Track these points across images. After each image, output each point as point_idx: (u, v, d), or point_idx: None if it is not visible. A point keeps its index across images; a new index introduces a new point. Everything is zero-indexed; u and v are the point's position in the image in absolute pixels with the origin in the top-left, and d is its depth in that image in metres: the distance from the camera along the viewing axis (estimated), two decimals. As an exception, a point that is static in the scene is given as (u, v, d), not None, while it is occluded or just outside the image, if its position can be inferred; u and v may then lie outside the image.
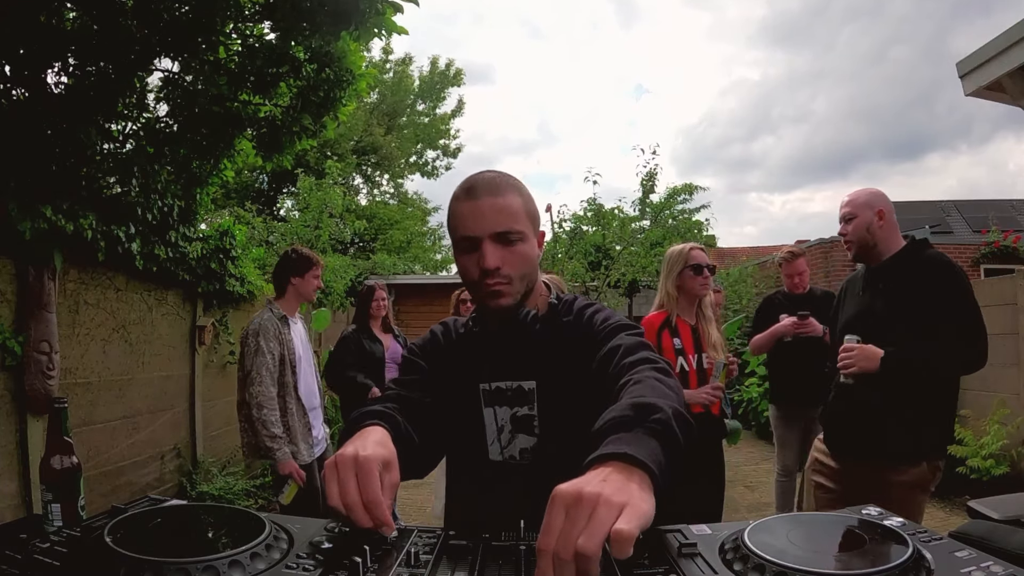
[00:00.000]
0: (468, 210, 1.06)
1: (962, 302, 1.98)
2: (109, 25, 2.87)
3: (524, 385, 1.12)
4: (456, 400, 1.15)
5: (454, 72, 17.66)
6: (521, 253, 1.08)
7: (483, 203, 1.06)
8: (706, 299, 2.70)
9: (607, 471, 0.65)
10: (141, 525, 0.71)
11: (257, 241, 6.56)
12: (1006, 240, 9.02)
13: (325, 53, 3.27)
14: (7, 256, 3.05)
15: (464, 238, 1.07)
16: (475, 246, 1.06)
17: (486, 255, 1.04)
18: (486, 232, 1.05)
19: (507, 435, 1.13)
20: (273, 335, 2.89)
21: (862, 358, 1.99)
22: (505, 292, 1.07)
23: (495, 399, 1.13)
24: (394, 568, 0.64)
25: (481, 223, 1.05)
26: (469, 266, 1.08)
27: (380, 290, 4.02)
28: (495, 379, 1.13)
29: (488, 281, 1.06)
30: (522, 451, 1.12)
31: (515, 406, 1.12)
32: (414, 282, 11.43)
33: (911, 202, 12.49)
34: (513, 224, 1.06)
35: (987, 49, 3.58)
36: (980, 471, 4.38)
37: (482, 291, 1.08)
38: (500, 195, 1.07)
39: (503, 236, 1.06)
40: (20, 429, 3.13)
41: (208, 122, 3.29)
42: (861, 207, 2.16)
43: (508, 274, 1.06)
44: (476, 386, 1.14)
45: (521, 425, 1.12)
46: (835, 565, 0.63)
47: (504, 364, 1.13)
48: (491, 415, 1.13)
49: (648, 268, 8.75)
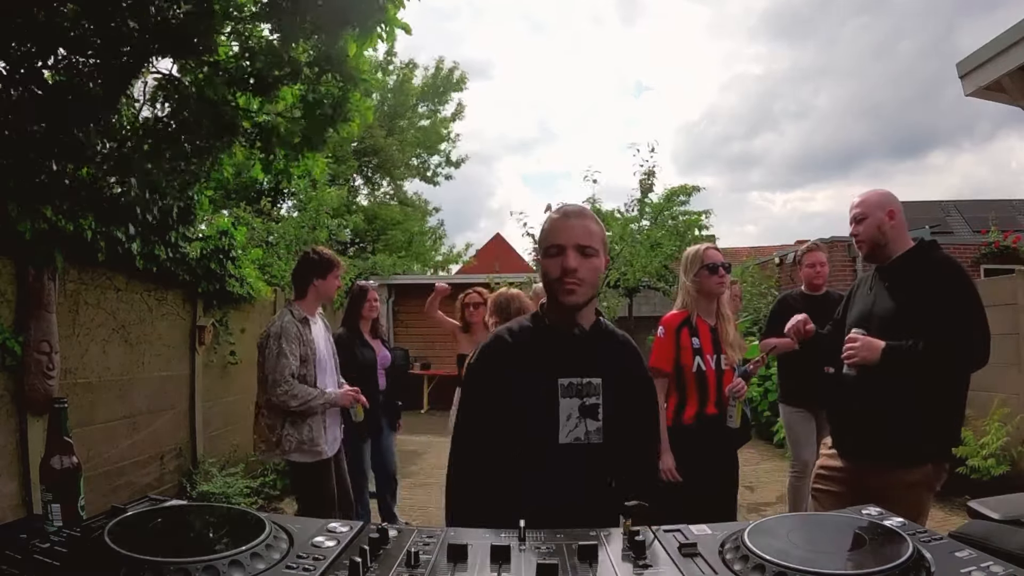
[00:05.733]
0: (560, 225, 1.42)
1: (967, 302, 2.00)
2: (107, 25, 2.86)
3: (593, 381, 1.42)
4: (530, 392, 1.39)
5: (458, 76, 17.59)
6: (593, 265, 1.41)
7: (572, 222, 1.42)
8: (723, 297, 2.71)
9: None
10: (141, 525, 0.71)
11: (256, 242, 6.55)
12: (1006, 240, 9.01)
13: (327, 56, 3.25)
14: (7, 256, 3.05)
15: (554, 246, 1.40)
16: (561, 252, 1.39)
17: (568, 258, 1.37)
18: (571, 243, 1.39)
19: (575, 420, 1.39)
20: (295, 337, 2.88)
21: (864, 348, 2.02)
22: (577, 292, 1.38)
23: (569, 391, 1.40)
24: (394, 568, 0.64)
25: (568, 235, 1.40)
26: (552, 267, 1.40)
27: (373, 291, 3.95)
28: (570, 375, 1.40)
29: (567, 280, 1.37)
30: (587, 433, 1.39)
31: (584, 397, 1.40)
32: (414, 282, 11.40)
33: (912, 202, 12.50)
34: (591, 241, 1.41)
35: (987, 49, 3.57)
36: (980, 471, 4.37)
37: (560, 287, 1.39)
38: (585, 219, 1.43)
39: (583, 248, 1.39)
40: (20, 429, 3.13)
41: (206, 123, 3.27)
42: (873, 207, 2.18)
43: (582, 277, 1.38)
44: (555, 380, 1.39)
45: (589, 412, 1.40)
46: (835, 565, 0.63)
47: (577, 363, 1.42)
48: (567, 405, 1.39)
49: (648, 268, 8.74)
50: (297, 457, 2.91)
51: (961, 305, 1.99)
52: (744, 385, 2.63)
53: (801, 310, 3.38)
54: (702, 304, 2.65)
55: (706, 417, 2.55)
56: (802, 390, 3.64)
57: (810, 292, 3.71)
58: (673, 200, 10.59)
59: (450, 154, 17.90)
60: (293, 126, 3.47)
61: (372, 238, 14.49)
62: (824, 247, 3.78)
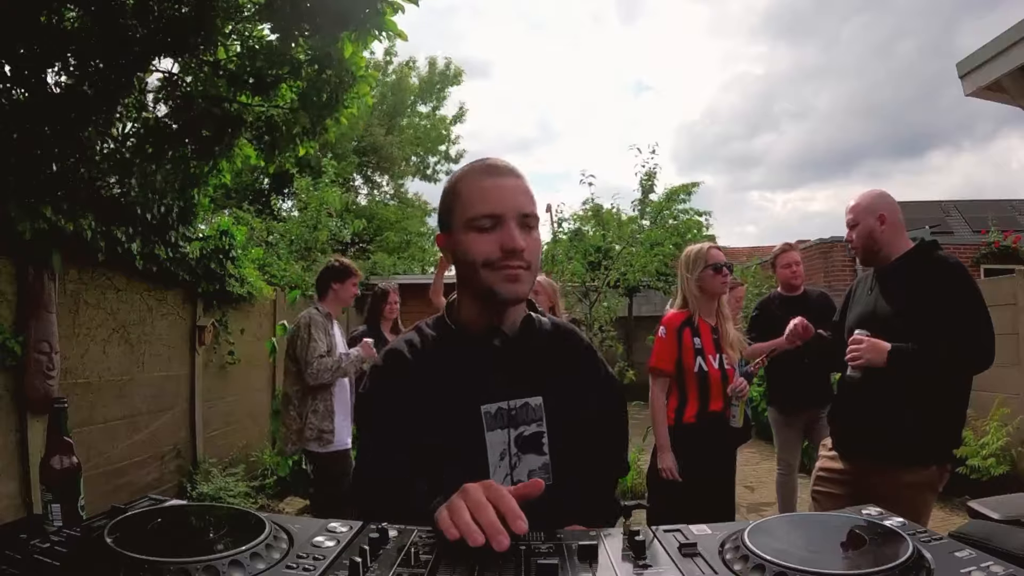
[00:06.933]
0: (492, 187, 1.00)
1: (970, 303, 1.98)
2: (109, 25, 2.86)
3: (531, 402, 1.04)
4: (444, 427, 1.01)
5: (453, 71, 17.61)
6: (538, 241, 1.04)
7: (508, 182, 1.01)
8: (723, 297, 2.70)
9: None
10: (141, 525, 0.71)
11: (256, 241, 6.55)
12: (1006, 240, 9.01)
13: (325, 55, 3.26)
14: (7, 256, 3.05)
15: (486, 215, 0.99)
16: (497, 224, 0.99)
17: (513, 234, 0.98)
18: (512, 211, 0.99)
19: (511, 459, 1.03)
20: (321, 326, 3.24)
21: (870, 350, 1.99)
22: (523, 278, 1.01)
23: (498, 420, 1.03)
24: (394, 568, 0.64)
25: (508, 201, 0.99)
26: (484, 246, 0.99)
27: (394, 292, 4.12)
28: (497, 398, 1.03)
29: (510, 263, 0.99)
30: (530, 473, 1.03)
31: (520, 425, 1.03)
32: (414, 282, 11.41)
33: (912, 202, 12.49)
34: (533, 208, 1.02)
35: (987, 49, 3.57)
36: (980, 471, 4.38)
37: (499, 274, 0.99)
38: (522, 178, 1.04)
39: (526, 219, 1.01)
40: (20, 429, 3.13)
41: (207, 123, 3.28)
42: (862, 213, 2.16)
43: (529, 260, 1.00)
44: (476, 408, 1.02)
45: (529, 444, 1.04)
46: (835, 565, 0.63)
47: (506, 379, 1.04)
48: (497, 439, 1.02)
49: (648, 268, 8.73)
50: (316, 447, 3.18)
51: (966, 305, 1.97)
52: (746, 385, 2.63)
53: (782, 312, 3.40)
54: (704, 304, 2.65)
55: (708, 416, 2.55)
56: (787, 393, 3.70)
57: (788, 293, 3.73)
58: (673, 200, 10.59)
59: (448, 151, 17.94)
60: (294, 117, 3.51)
61: (369, 237, 14.49)
62: (797, 247, 3.81)
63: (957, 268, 2.04)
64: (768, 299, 3.91)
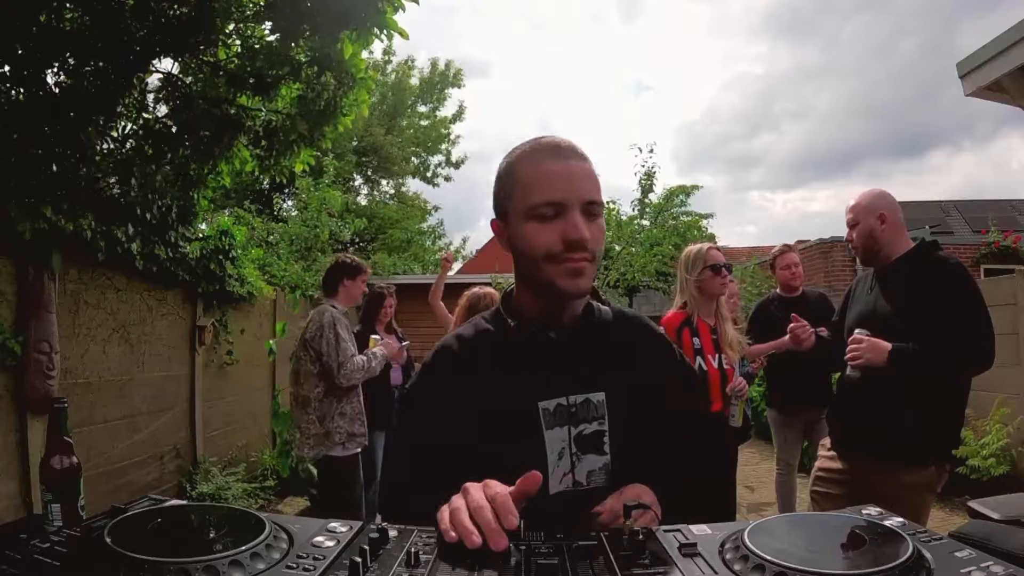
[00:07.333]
0: (558, 171, 0.92)
1: (971, 303, 1.97)
2: (108, 25, 2.87)
3: (592, 398, 0.97)
4: (499, 425, 0.95)
5: (454, 72, 17.63)
6: (602, 230, 0.96)
7: (573, 165, 0.92)
8: (722, 298, 2.71)
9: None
10: (141, 525, 0.71)
11: (256, 241, 6.55)
12: (1006, 240, 9.01)
13: (325, 55, 3.26)
14: (7, 256, 3.05)
15: (548, 203, 0.91)
16: (559, 213, 0.91)
17: (578, 224, 0.90)
18: (577, 199, 0.91)
19: (569, 459, 0.96)
20: (345, 325, 3.13)
21: (870, 350, 1.99)
22: (587, 272, 0.93)
23: (557, 418, 0.96)
24: (394, 568, 0.64)
25: (574, 188, 0.91)
26: (545, 237, 0.91)
27: (390, 296, 4.08)
28: (557, 393, 0.96)
29: (573, 255, 0.91)
30: (589, 475, 0.96)
31: (579, 423, 0.96)
32: (414, 282, 11.40)
33: (912, 202, 12.51)
34: (599, 195, 0.94)
35: (987, 49, 3.57)
36: (980, 471, 4.38)
37: (560, 267, 0.92)
38: (587, 160, 0.95)
39: (591, 207, 0.92)
40: (20, 429, 3.13)
41: (206, 124, 3.28)
42: (862, 212, 2.15)
43: (593, 251, 0.92)
44: (534, 404, 0.96)
45: (589, 444, 0.96)
46: (835, 565, 0.63)
47: (566, 374, 0.97)
48: (555, 437, 0.95)
49: (648, 268, 8.74)
50: (340, 452, 3.08)
51: (966, 306, 1.96)
52: (746, 385, 2.64)
53: (780, 313, 3.41)
54: (703, 304, 2.65)
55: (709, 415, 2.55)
56: (786, 393, 3.71)
57: (787, 294, 3.74)
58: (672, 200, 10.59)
59: (450, 154, 17.95)
60: (291, 123, 3.49)
61: (370, 237, 14.49)
62: (796, 248, 3.83)
63: (957, 268, 2.04)
64: (767, 300, 3.91)
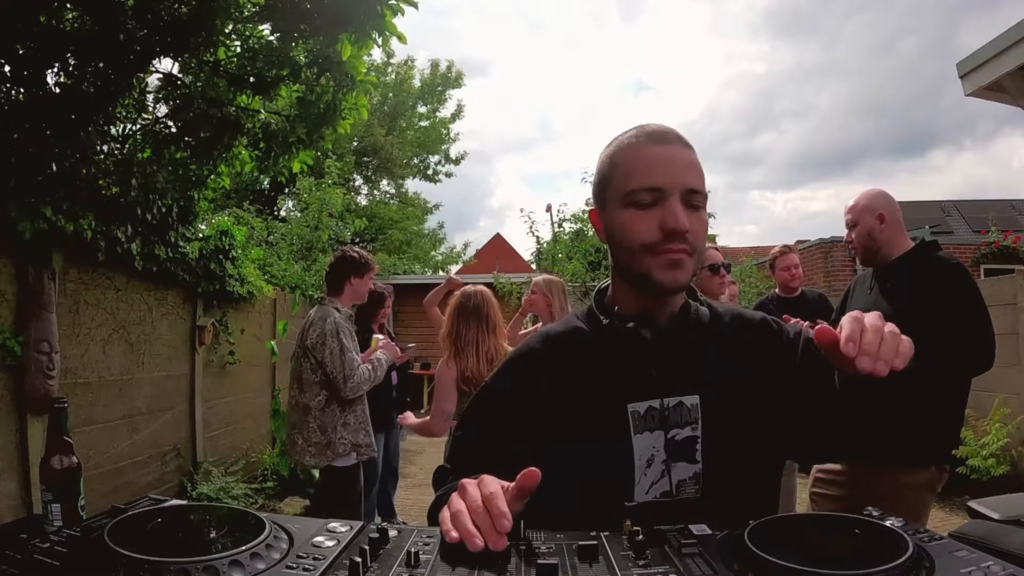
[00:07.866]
0: (660, 156, 0.88)
1: (970, 303, 1.97)
2: (108, 25, 2.87)
3: (685, 401, 0.91)
4: (586, 428, 0.90)
5: (455, 74, 17.66)
6: (705, 223, 0.91)
7: (675, 151, 0.88)
8: (722, 297, 2.71)
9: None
10: (141, 525, 0.71)
11: (256, 241, 6.55)
12: (1006, 240, 9.01)
13: (325, 56, 3.26)
14: (7, 256, 3.05)
15: (648, 189, 0.87)
16: (658, 200, 0.86)
17: (677, 212, 0.85)
18: (679, 186, 0.86)
19: (659, 466, 0.90)
20: (348, 332, 2.93)
21: None
22: (686, 264, 0.88)
23: (647, 422, 0.90)
24: (394, 568, 0.64)
25: (675, 174, 0.87)
26: (642, 225, 0.87)
27: (390, 298, 4.06)
28: (647, 396, 0.91)
29: (672, 246, 0.86)
30: (679, 484, 0.90)
31: (671, 428, 0.90)
32: (414, 282, 11.41)
33: (912, 202, 12.51)
34: (702, 185, 0.89)
35: (987, 49, 3.57)
36: (980, 471, 4.38)
37: (658, 259, 0.87)
38: (691, 148, 0.90)
39: (692, 197, 0.88)
40: (20, 429, 3.13)
41: (206, 125, 3.28)
42: (861, 213, 2.16)
43: (694, 243, 0.88)
44: (623, 407, 0.90)
45: (681, 451, 0.90)
46: (835, 565, 0.63)
47: (660, 375, 0.91)
48: (645, 443, 0.90)
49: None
50: (343, 462, 2.91)
51: (966, 306, 1.96)
52: None
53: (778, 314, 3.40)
54: None
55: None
56: None
57: (785, 295, 3.74)
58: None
59: (448, 151, 17.99)
60: (291, 125, 3.49)
61: (371, 237, 14.50)
62: (795, 249, 3.84)
63: (957, 268, 2.04)
64: (766, 300, 3.92)
